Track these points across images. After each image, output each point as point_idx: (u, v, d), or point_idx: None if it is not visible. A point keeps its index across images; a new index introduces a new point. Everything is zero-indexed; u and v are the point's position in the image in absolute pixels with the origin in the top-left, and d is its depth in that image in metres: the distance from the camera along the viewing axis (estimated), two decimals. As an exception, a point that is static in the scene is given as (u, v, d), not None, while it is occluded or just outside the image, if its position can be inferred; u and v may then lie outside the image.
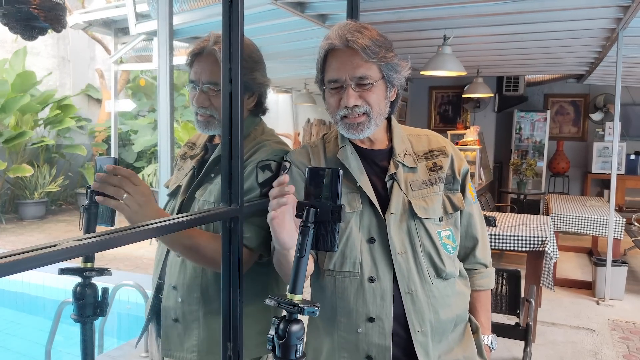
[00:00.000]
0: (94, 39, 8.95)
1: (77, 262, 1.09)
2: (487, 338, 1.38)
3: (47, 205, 8.78)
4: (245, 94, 1.36)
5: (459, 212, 1.32)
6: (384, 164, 1.30)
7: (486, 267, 1.39)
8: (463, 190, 1.35)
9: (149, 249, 6.21)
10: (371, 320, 1.22)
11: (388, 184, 1.27)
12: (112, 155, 6.70)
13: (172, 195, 1.46)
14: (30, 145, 8.56)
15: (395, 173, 1.27)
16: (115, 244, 0.81)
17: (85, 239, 0.75)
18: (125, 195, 1.09)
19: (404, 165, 1.28)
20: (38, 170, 8.51)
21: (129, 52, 6.53)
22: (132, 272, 5.16)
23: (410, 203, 1.25)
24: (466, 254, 1.38)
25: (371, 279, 1.22)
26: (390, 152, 1.30)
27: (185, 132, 8.67)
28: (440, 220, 1.28)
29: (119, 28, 6.51)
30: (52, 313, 2.95)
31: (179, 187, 1.45)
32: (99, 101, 10.29)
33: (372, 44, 1.18)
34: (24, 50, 8.61)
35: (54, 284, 4.93)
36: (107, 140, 9.71)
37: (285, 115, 9.88)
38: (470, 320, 1.37)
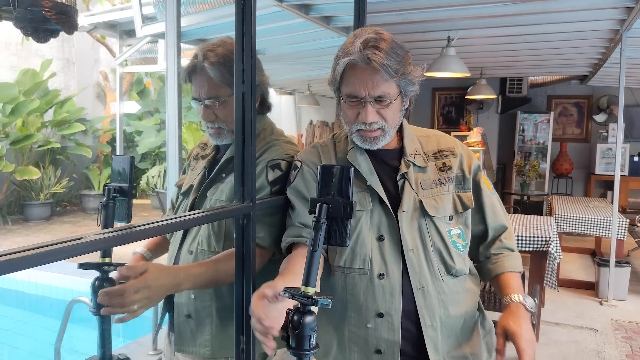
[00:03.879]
0: (98, 41, 9.01)
1: (87, 259, 1.12)
2: (518, 297, 1.28)
3: (52, 207, 8.83)
4: None
5: (469, 210, 1.34)
6: (394, 163, 1.32)
7: (513, 251, 1.39)
8: (478, 186, 1.36)
9: (153, 250, 6.24)
10: (380, 315, 1.24)
11: (399, 183, 1.30)
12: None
13: (185, 194, 1.51)
14: (37, 147, 8.62)
15: (406, 172, 1.30)
16: (136, 238, 0.84)
17: (108, 232, 0.78)
18: (135, 306, 1.09)
19: (414, 164, 1.31)
20: (43, 171, 8.56)
21: (134, 54, 6.58)
22: (138, 273, 5.19)
23: (421, 202, 1.28)
24: (493, 240, 1.38)
25: (380, 276, 1.25)
26: (400, 151, 1.33)
27: (189, 134, 8.71)
28: (450, 219, 1.31)
29: (124, 30, 6.57)
30: (58, 312, 2.97)
31: (191, 186, 1.49)
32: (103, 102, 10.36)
33: (393, 61, 1.18)
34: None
35: (60, 284, 4.97)
36: (111, 142, 9.76)
37: (288, 116, 9.92)
38: (483, 319, 1.39)
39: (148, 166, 9.73)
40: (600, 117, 8.04)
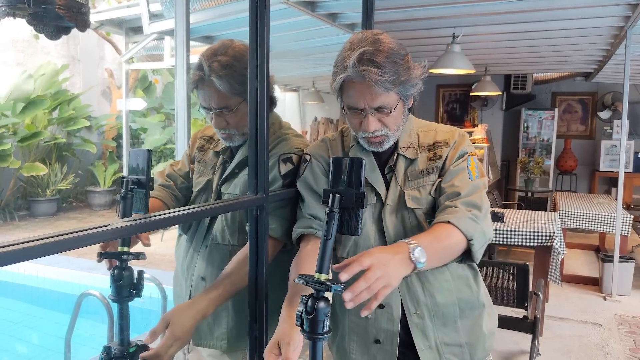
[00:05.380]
0: (104, 38, 9.06)
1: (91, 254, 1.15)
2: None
3: (59, 203, 8.90)
4: None
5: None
6: (388, 157, 1.35)
7: (456, 207, 1.23)
8: (453, 169, 1.30)
9: (159, 245, 6.29)
10: (381, 306, 1.28)
11: (388, 176, 1.33)
12: (125, 151, 6.79)
13: (203, 190, 1.52)
14: (44, 143, 8.68)
15: (394, 165, 1.32)
16: (156, 226, 0.88)
17: (132, 220, 0.82)
18: (173, 353, 1.20)
19: (405, 157, 1.33)
20: (50, 168, 8.63)
21: (140, 51, 6.62)
22: (145, 268, 5.24)
23: (403, 194, 1.30)
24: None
25: None
26: (395, 145, 1.35)
27: (194, 129, 8.75)
28: (433, 210, 1.30)
29: (130, 27, 6.61)
30: (65, 307, 3.01)
31: (209, 181, 1.51)
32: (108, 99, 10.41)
33: (389, 74, 1.17)
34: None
35: (68, 279, 5.03)
36: (116, 138, 9.81)
37: (292, 113, 9.94)
38: (490, 308, 1.40)
39: (153, 163, 9.78)
40: (604, 114, 8.04)
